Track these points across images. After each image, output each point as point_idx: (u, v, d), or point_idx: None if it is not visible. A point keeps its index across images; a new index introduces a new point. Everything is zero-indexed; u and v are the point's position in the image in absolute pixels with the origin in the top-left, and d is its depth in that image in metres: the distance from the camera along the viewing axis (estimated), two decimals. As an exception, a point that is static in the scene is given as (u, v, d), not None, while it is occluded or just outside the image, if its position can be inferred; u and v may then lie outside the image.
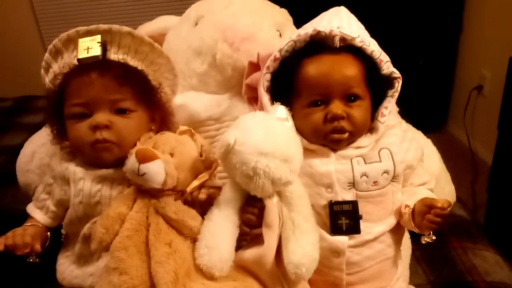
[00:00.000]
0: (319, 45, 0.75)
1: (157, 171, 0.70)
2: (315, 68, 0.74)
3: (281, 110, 0.74)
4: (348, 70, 0.73)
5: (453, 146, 2.42)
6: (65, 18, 2.57)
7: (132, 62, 0.85)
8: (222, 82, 0.97)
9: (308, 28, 0.76)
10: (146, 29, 1.10)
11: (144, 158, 0.70)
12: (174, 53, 0.99)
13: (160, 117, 0.88)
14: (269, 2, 1.07)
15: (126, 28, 0.85)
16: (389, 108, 0.77)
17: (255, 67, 0.91)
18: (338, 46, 0.74)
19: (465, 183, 2.04)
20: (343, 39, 0.74)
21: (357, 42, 0.74)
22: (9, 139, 1.51)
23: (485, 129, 2.25)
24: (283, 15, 1.06)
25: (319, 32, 0.74)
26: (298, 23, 1.08)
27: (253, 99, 0.94)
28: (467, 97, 2.30)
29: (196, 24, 1.00)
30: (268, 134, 0.68)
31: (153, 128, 0.86)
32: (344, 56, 0.74)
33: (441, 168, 1.00)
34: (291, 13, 1.09)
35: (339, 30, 0.73)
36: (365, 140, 0.76)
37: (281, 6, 1.08)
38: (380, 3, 2.17)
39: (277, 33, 0.99)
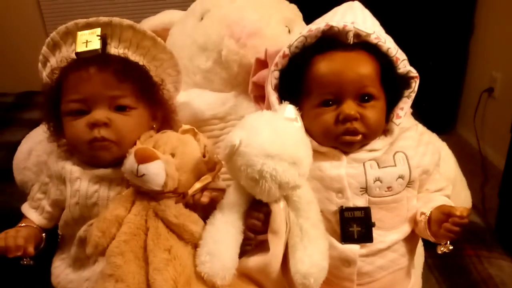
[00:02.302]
0: (332, 41, 0.70)
1: (157, 172, 0.66)
2: (327, 65, 0.69)
3: (289, 110, 0.70)
4: (362, 68, 0.68)
5: (462, 148, 2.38)
6: (70, 11, 2.53)
7: (133, 57, 0.81)
8: (227, 80, 0.93)
9: (320, 23, 0.71)
10: (149, 24, 1.06)
11: (144, 158, 0.66)
12: (178, 49, 0.95)
13: (162, 115, 0.84)
14: (278, -4, 1.03)
15: (127, 21, 0.80)
16: (405, 109, 0.72)
17: (262, 64, 0.87)
18: (352, 42, 0.70)
19: (475, 186, 1.99)
20: (357, 35, 0.70)
21: (372, 39, 0.69)
22: (9, 135, 1.48)
23: (495, 131, 2.21)
24: (292, 11, 1.01)
25: (331, 27, 0.70)
26: (308, 20, 1.05)
27: (259, 98, 0.90)
28: (478, 99, 2.26)
29: (202, 18, 0.96)
30: (275, 135, 0.64)
31: (154, 126, 0.82)
32: (358, 53, 0.70)
33: (456, 172, 0.95)
34: (301, 8, 1.05)
35: (353, 26, 0.69)
36: (379, 143, 0.71)
37: (290, 1, 1.04)
38: (390, 4, 2.13)
39: (286, 29, 0.95)
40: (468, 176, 1.04)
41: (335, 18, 0.72)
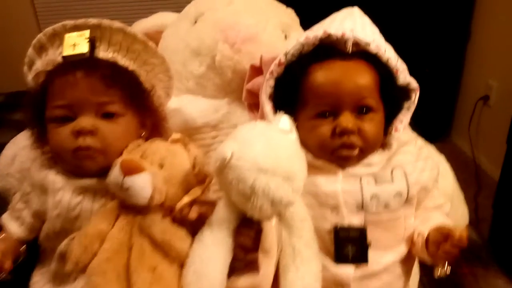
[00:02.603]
0: (330, 49, 0.67)
1: (143, 186, 0.63)
2: (324, 75, 0.66)
3: (284, 121, 0.66)
4: (361, 78, 0.66)
5: (457, 157, 2.36)
6: (64, 10, 2.50)
7: (123, 61, 0.78)
8: (221, 86, 0.90)
9: (318, 30, 0.68)
10: (141, 26, 1.03)
11: (129, 170, 0.62)
12: (171, 53, 0.92)
13: (151, 122, 0.80)
14: (274, 1, 1.00)
15: (117, 24, 0.77)
16: (404, 122, 0.70)
17: (257, 71, 0.84)
18: (350, 51, 0.67)
19: (468, 195, 1.98)
20: (356, 44, 0.67)
21: (372, 48, 0.66)
22: (-1, 137, 1.44)
23: (490, 140, 2.20)
24: (289, 15, 0.99)
25: (330, 35, 0.67)
26: (305, 24, 1.02)
27: (254, 106, 0.87)
28: (473, 107, 2.23)
29: (196, 22, 0.93)
30: (269, 148, 0.61)
31: (143, 134, 0.79)
32: (356, 62, 0.67)
33: (454, 187, 0.92)
34: (298, 12, 1.02)
35: (352, 34, 0.66)
36: (376, 157, 0.69)
37: (288, 5, 1.01)
38: (387, 10, 2.12)
39: (282, 35, 0.92)
40: (462, 185, 1.01)
41: (334, 25, 0.69)
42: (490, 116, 2.17)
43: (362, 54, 0.67)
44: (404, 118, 0.70)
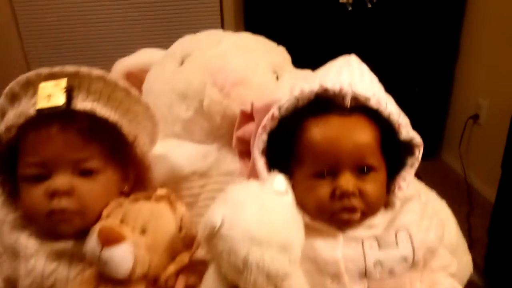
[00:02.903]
0: (326, 103, 0.63)
1: (122, 258, 0.57)
2: (322, 132, 0.61)
3: (279, 181, 0.61)
4: (361, 136, 0.61)
5: (447, 175, 2.35)
6: (48, 35, 2.41)
7: (104, 111, 0.71)
8: (209, 131, 0.85)
9: (313, 83, 0.64)
10: (124, 64, 0.97)
11: (108, 240, 0.56)
12: (156, 96, 0.86)
13: (134, 175, 0.74)
14: (265, 40, 0.95)
15: (97, 72, 0.71)
16: (408, 180, 0.65)
17: (248, 117, 0.79)
18: (349, 106, 0.62)
19: (460, 215, 1.95)
20: (355, 98, 0.62)
21: (372, 103, 0.62)
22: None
23: (480, 159, 2.20)
24: (280, 54, 0.94)
25: (326, 89, 0.62)
26: (297, 61, 0.97)
27: (245, 153, 0.81)
28: (463, 126, 2.25)
29: (182, 63, 0.88)
30: (263, 214, 0.55)
31: (125, 189, 0.73)
32: (356, 118, 0.62)
33: (458, 235, 0.88)
34: (290, 49, 0.97)
35: (351, 88, 0.61)
36: (379, 218, 0.63)
37: (279, 43, 0.96)
38: (376, 29, 2.13)
39: (274, 76, 0.87)
40: (452, 204, 0.98)
41: (330, 76, 0.65)
42: (480, 135, 2.19)
43: (361, 108, 0.63)
44: (407, 175, 0.65)
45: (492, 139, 1.98)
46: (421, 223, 0.65)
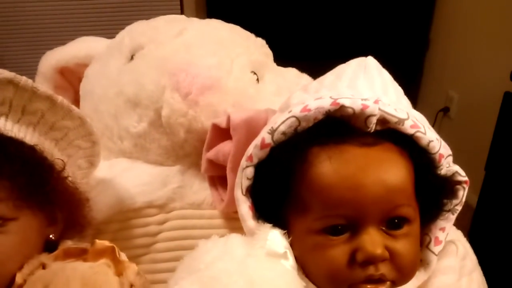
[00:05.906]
0: (340, 125, 0.44)
1: None
2: (336, 168, 0.42)
3: (275, 239, 0.43)
4: (394, 175, 0.42)
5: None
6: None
7: (15, 130, 0.50)
8: (170, 149, 0.65)
9: (321, 93, 0.45)
10: (57, 57, 0.74)
11: None
12: (97, 101, 0.65)
13: (64, 215, 0.53)
14: (240, 29, 0.74)
15: (6, 74, 0.49)
16: (447, 230, 0.48)
17: (222, 133, 0.59)
18: (373, 130, 0.44)
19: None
20: (382, 120, 0.44)
21: (407, 127, 0.44)
22: None
23: (451, 152, 2.17)
24: (260, 49, 0.72)
25: (343, 106, 0.43)
26: (280, 57, 0.78)
27: (217, 181, 0.62)
28: (433, 119, 2.19)
29: (132, 58, 0.66)
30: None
31: (52, 236, 0.52)
32: (383, 148, 0.44)
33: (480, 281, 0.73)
34: (271, 43, 0.77)
35: (378, 107, 0.43)
36: (410, 285, 0.46)
37: (257, 35, 0.75)
38: (343, 18, 2.03)
39: (254, 77, 0.67)
40: None
41: (342, 87, 0.46)
42: (450, 128, 2.16)
43: (389, 133, 0.44)
44: (446, 225, 0.48)
45: (463, 133, 1.96)
46: (459, 283, 0.48)
